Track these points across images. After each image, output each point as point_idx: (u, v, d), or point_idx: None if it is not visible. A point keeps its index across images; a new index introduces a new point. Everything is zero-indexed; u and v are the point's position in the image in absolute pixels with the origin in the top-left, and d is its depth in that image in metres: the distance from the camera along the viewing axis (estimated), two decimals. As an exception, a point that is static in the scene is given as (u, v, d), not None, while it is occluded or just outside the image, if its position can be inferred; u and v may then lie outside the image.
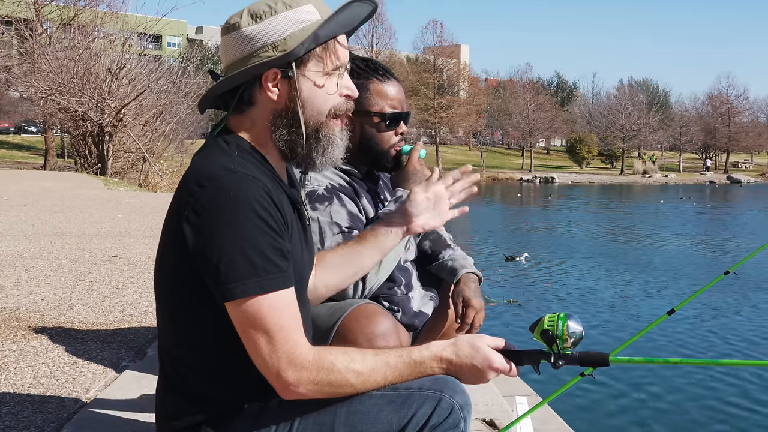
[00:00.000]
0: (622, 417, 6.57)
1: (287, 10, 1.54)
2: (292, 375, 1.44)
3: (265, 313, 1.42)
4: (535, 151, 73.48)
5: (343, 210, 2.21)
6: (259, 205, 1.43)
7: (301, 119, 1.56)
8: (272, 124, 1.57)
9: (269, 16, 1.53)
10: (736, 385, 7.42)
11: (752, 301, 11.58)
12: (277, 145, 1.58)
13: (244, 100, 1.57)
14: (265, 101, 1.56)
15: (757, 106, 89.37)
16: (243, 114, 1.58)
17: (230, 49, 1.57)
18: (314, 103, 1.57)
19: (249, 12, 1.55)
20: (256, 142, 1.58)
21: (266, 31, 1.53)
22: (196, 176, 1.47)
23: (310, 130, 1.58)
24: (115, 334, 3.90)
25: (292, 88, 1.55)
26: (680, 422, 6.51)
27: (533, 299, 11.75)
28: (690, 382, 7.48)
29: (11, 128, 54.67)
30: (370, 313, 2.06)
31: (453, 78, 72.63)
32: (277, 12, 1.53)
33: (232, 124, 1.59)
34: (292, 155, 1.59)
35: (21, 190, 14.72)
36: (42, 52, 24.94)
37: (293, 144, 1.57)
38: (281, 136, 1.57)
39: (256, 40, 1.53)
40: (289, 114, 1.56)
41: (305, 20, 1.54)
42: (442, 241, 2.57)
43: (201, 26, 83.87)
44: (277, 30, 1.53)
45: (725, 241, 20.98)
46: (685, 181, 65.48)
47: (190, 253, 1.44)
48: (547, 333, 1.60)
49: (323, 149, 1.60)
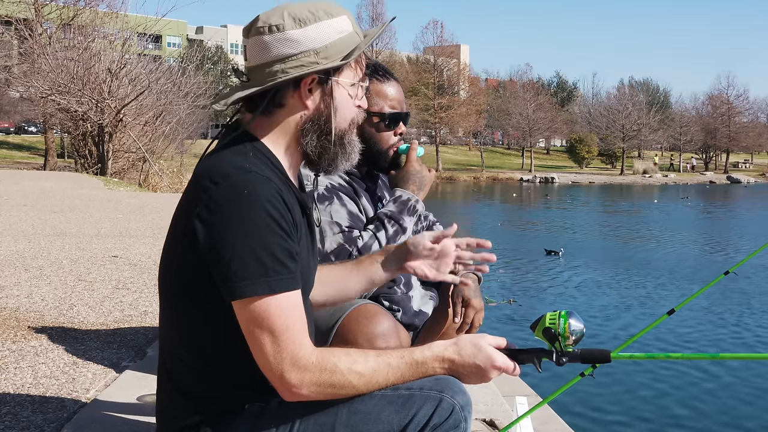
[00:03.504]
0: (622, 417, 6.58)
1: (328, 19, 1.57)
2: (295, 376, 1.44)
3: (272, 313, 1.43)
4: (535, 151, 73.49)
5: (344, 210, 2.21)
6: (271, 206, 1.44)
7: (332, 126, 1.58)
8: (302, 128, 1.58)
9: (313, 22, 1.55)
10: (737, 385, 7.42)
11: (752, 301, 11.59)
12: (304, 149, 1.60)
13: (275, 102, 1.57)
14: (297, 105, 1.58)
15: (757, 106, 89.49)
16: (268, 116, 1.58)
17: (266, 50, 1.56)
18: (344, 110, 1.61)
19: (290, 15, 1.55)
20: (276, 144, 1.58)
21: (311, 37, 1.55)
22: (210, 173, 1.48)
23: (337, 136, 1.60)
24: (115, 334, 3.89)
25: (326, 94, 1.58)
26: (680, 422, 6.51)
27: (533, 299, 11.76)
28: (690, 382, 7.48)
29: (11, 128, 54.70)
30: (370, 313, 2.07)
31: (453, 78, 72.69)
32: (320, 19, 1.56)
33: (252, 125, 1.59)
34: (318, 160, 1.61)
35: (21, 190, 14.72)
36: (42, 52, 24.91)
37: (322, 149, 1.60)
38: (311, 141, 1.59)
39: (300, 44, 1.54)
40: (322, 120, 1.58)
41: (343, 30, 1.58)
42: None
43: (201, 26, 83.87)
44: (321, 36, 1.55)
45: (725, 241, 21.00)
46: (685, 181, 65.48)
47: (199, 250, 1.45)
48: (549, 331, 1.60)
49: (348, 155, 1.63)
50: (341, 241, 2.16)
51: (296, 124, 1.59)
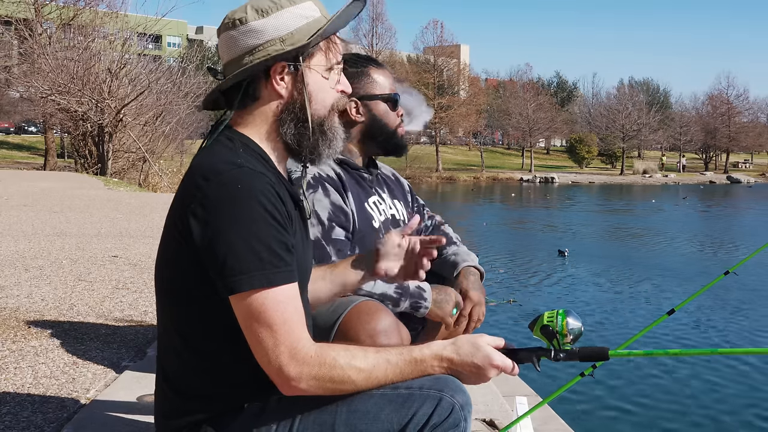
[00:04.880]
0: (622, 417, 6.57)
1: (291, 6, 1.57)
2: (294, 370, 1.43)
3: (269, 306, 1.43)
4: (535, 151, 73.45)
5: (326, 200, 2.22)
6: (265, 199, 1.44)
7: (308, 112, 1.58)
8: (279, 118, 1.58)
9: (275, 11, 1.56)
10: (737, 386, 7.42)
11: (752, 301, 11.58)
12: (284, 139, 1.59)
13: (249, 95, 1.58)
14: (271, 95, 1.58)
15: (757, 106, 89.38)
16: (246, 110, 1.59)
17: (234, 44, 1.57)
18: (319, 96, 1.60)
19: (253, 7, 1.57)
20: (260, 137, 1.59)
21: (274, 25, 1.56)
22: (202, 170, 1.48)
23: (315, 123, 1.60)
24: (115, 334, 3.89)
25: (298, 81, 1.58)
26: (680, 422, 6.51)
27: (533, 299, 11.75)
28: (691, 383, 7.48)
29: (11, 128, 54.68)
30: (371, 310, 2.07)
31: (453, 78, 72.66)
32: (282, 7, 1.56)
33: (234, 121, 1.60)
34: (299, 149, 1.61)
35: (21, 190, 14.72)
36: (42, 52, 24.90)
37: (300, 138, 1.59)
38: (288, 130, 1.59)
39: (264, 33, 1.55)
40: (296, 107, 1.58)
41: (309, 16, 1.58)
42: (449, 240, 2.59)
43: (201, 26, 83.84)
44: (284, 24, 1.56)
45: (725, 241, 20.99)
46: (685, 181, 65.46)
47: (195, 247, 1.45)
48: (546, 329, 1.60)
49: (329, 142, 1.63)
50: (318, 236, 2.16)
51: (273, 114, 1.59)
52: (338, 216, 2.22)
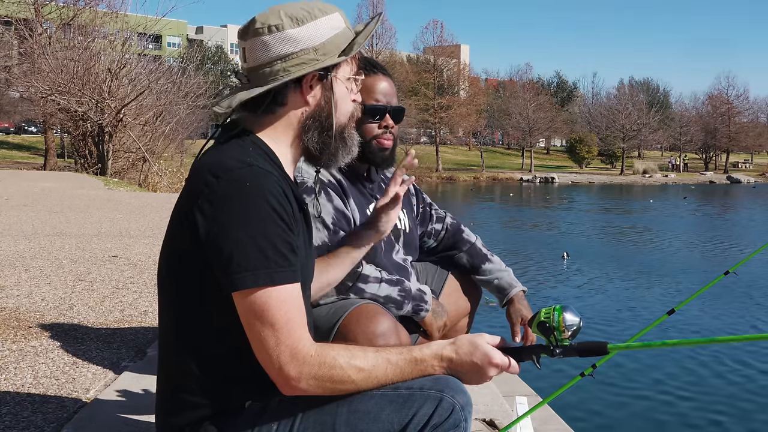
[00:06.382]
0: (623, 417, 6.57)
1: (324, 16, 1.60)
2: (294, 369, 1.44)
3: (272, 305, 1.43)
4: (535, 151, 73.50)
5: (330, 204, 2.21)
6: (273, 198, 1.45)
7: (333, 121, 1.61)
8: (304, 125, 1.61)
9: (310, 20, 1.58)
10: (738, 386, 7.42)
11: (752, 301, 11.58)
12: (305, 145, 1.62)
13: (277, 101, 1.59)
14: (298, 102, 1.60)
15: (757, 106, 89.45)
16: (270, 115, 1.60)
17: (266, 49, 1.58)
18: (343, 105, 1.64)
19: (287, 15, 1.58)
20: (273, 140, 1.60)
21: (309, 35, 1.58)
22: (212, 168, 1.49)
23: (337, 131, 1.63)
24: (115, 334, 3.90)
25: (326, 90, 1.61)
26: (680, 422, 6.51)
27: (532, 299, 11.74)
28: (691, 382, 7.48)
29: (11, 128, 54.69)
30: (370, 313, 2.07)
31: (453, 78, 72.71)
32: (316, 17, 1.59)
33: (251, 123, 1.61)
34: (320, 155, 1.64)
35: (21, 190, 14.72)
36: (42, 52, 24.89)
37: (324, 145, 1.62)
38: (312, 137, 1.61)
39: (299, 42, 1.57)
40: (323, 116, 1.61)
41: (337, 26, 1.61)
42: (481, 254, 2.67)
43: (201, 26, 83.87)
44: (318, 34, 1.58)
45: (725, 241, 20.98)
46: (685, 181, 65.48)
47: (200, 242, 1.45)
48: (543, 325, 1.60)
49: (348, 149, 1.67)
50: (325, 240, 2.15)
51: (298, 120, 1.61)
52: (341, 221, 2.22)
